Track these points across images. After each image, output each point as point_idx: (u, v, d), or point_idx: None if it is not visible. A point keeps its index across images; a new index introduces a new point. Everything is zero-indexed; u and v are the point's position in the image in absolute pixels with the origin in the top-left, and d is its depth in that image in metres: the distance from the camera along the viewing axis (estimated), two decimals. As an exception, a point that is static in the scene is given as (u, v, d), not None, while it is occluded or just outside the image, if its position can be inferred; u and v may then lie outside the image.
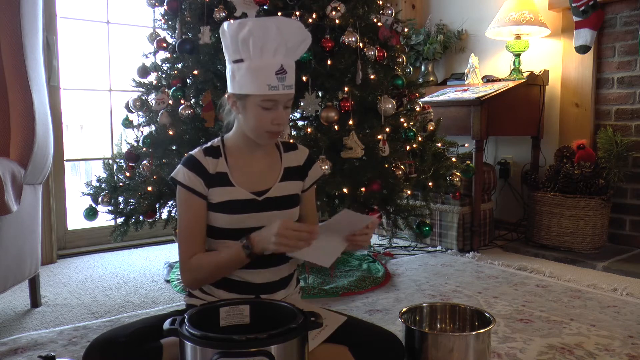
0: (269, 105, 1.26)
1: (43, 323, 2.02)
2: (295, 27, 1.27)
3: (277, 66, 1.23)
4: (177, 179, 1.32)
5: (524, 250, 3.07)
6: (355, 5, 2.27)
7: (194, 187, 1.31)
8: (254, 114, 1.27)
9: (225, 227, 1.33)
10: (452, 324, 1.56)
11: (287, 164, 1.41)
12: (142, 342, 1.19)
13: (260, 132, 1.29)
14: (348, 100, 2.13)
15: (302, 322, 1.07)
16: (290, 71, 1.27)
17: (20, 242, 1.96)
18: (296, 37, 1.27)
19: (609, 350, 1.74)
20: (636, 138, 3.00)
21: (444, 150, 2.60)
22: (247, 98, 1.27)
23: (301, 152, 1.46)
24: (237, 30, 1.24)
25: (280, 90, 1.25)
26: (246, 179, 1.35)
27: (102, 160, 2.89)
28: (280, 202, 1.36)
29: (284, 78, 1.24)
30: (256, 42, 1.22)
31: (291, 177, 1.40)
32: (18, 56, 1.97)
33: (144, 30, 2.72)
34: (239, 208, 1.32)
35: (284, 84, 1.25)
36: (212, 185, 1.32)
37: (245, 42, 1.23)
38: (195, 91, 2.25)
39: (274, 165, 1.40)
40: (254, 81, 1.24)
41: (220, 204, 1.32)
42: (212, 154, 1.35)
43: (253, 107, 1.27)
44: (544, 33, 3.25)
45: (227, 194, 1.32)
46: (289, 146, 1.45)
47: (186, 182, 1.31)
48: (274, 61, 1.23)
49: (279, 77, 1.24)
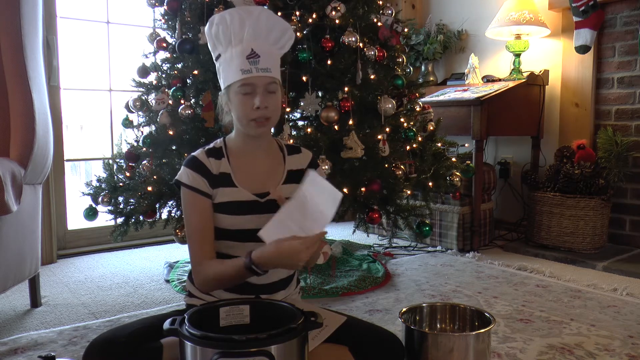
0: (247, 90, 1.27)
1: (43, 323, 2.02)
2: (261, 13, 1.29)
3: (247, 50, 1.26)
4: (182, 180, 1.31)
5: (524, 250, 3.07)
6: (355, 5, 2.27)
7: (199, 187, 1.30)
8: (236, 103, 1.29)
9: (227, 228, 1.32)
10: (452, 324, 1.56)
11: (290, 166, 1.41)
12: (142, 342, 1.19)
13: (245, 121, 1.29)
14: (348, 100, 2.13)
15: (302, 322, 1.07)
16: (265, 55, 1.27)
17: (20, 242, 1.96)
18: (265, 23, 1.29)
19: (609, 350, 1.74)
20: (636, 138, 3.00)
21: (444, 150, 2.60)
22: (230, 90, 1.29)
23: (304, 155, 1.45)
24: (209, 28, 1.30)
25: (254, 73, 1.25)
26: (249, 180, 1.34)
27: (102, 160, 2.89)
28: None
29: (256, 61, 1.26)
30: (225, 33, 1.27)
31: (294, 181, 1.38)
32: (18, 56, 1.97)
33: (144, 30, 2.72)
34: (242, 209, 1.31)
35: (257, 66, 1.26)
36: (216, 186, 1.32)
37: (216, 36, 1.29)
38: (195, 91, 2.25)
39: (277, 168, 1.39)
40: (230, 70, 1.28)
41: (223, 205, 1.31)
42: (215, 154, 1.34)
43: (235, 97, 1.29)
44: (544, 33, 3.25)
45: (230, 195, 1.32)
46: (292, 149, 1.45)
47: (190, 183, 1.30)
48: (243, 47, 1.26)
49: (251, 60, 1.25)
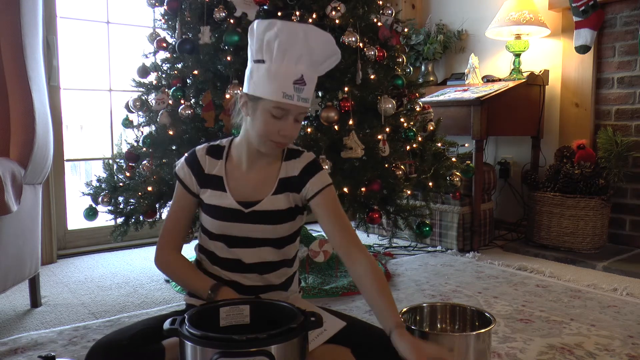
0: (279, 113, 1.20)
1: (43, 323, 2.02)
2: (323, 40, 1.22)
3: (297, 75, 1.18)
4: (176, 170, 1.36)
5: (524, 250, 3.07)
6: (355, 5, 2.27)
7: (187, 184, 1.34)
8: (262, 119, 1.22)
9: (211, 230, 1.33)
10: (452, 324, 1.55)
11: (284, 174, 1.34)
12: (144, 344, 1.19)
13: (265, 139, 1.24)
14: (348, 100, 2.13)
15: (302, 322, 1.07)
16: (310, 84, 1.22)
17: (20, 242, 1.96)
18: (324, 50, 1.23)
19: (609, 350, 1.74)
20: (636, 138, 3.00)
21: (444, 150, 2.60)
22: (259, 101, 1.21)
23: (301, 160, 1.35)
24: (264, 30, 1.19)
25: (295, 101, 1.19)
26: (239, 188, 1.32)
27: (102, 160, 2.89)
28: (268, 217, 1.31)
29: (301, 89, 1.19)
30: (281, 45, 1.17)
31: (285, 189, 1.33)
32: (18, 56, 1.97)
33: (144, 30, 2.72)
34: (225, 216, 1.31)
35: (300, 95, 1.19)
36: (205, 186, 1.33)
37: (269, 44, 1.18)
38: (195, 91, 2.25)
39: (270, 176, 1.34)
40: (269, 85, 1.19)
41: (209, 207, 1.32)
42: (215, 154, 1.34)
43: (263, 112, 1.21)
44: (544, 33, 3.25)
45: (216, 199, 1.32)
46: (292, 153, 1.36)
47: (181, 177, 1.35)
48: (294, 69, 1.18)
49: (297, 87, 1.19)
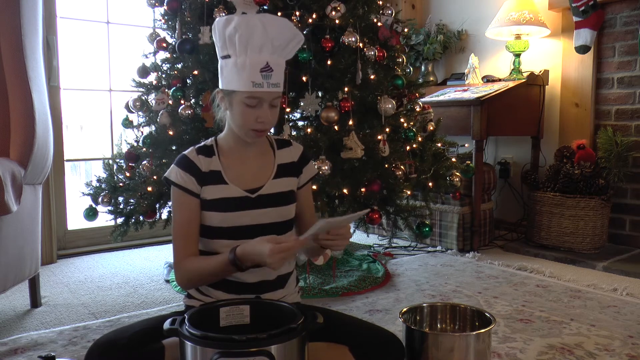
0: (253, 102, 1.25)
1: (43, 323, 2.02)
2: (282, 25, 1.26)
3: (262, 63, 1.23)
4: (171, 178, 1.33)
5: (524, 250, 3.07)
6: (355, 5, 2.27)
7: (187, 187, 1.32)
8: (239, 111, 1.28)
9: (219, 225, 1.33)
10: (452, 324, 1.56)
11: (281, 160, 1.41)
12: (143, 343, 1.19)
13: (245, 129, 1.30)
14: (348, 101, 2.13)
15: (302, 322, 1.07)
16: (278, 69, 1.26)
17: (20, 242, 1.96)
18: (283, 35, 1.26)
19: (609, 350, 1.74)
20: (636, 138, 3.00)
21: (444, 150, 2.60)
22: (233, 94, 1.27)
23: (295, 148, 1.45)
24: (224, 26, 1.25)
25: (265, 88, 1.24)
26: (239, 177, 1.35)
27: (102, 160, 2.89)
28: (274, 199, 1.37)
29: (269, 76, 1.24)
30: (241, 39, 1.22)
31: (285, 174, 1.40)
32: (18, 56, 1.97)
33: (144, 30, 2.72)
34: (233, 206, 1.32)
35: (269, 81, 1.24)
36: (205, 183, 1.33)
37: (231, 38, 1.24)
38: (195, 91, 2.25)
39: (267, 163, 1.40)
40: (239, 77, 1.24)
41: (214, 202, 1.32)
42: (205, 152, 1.35)
43: (238, 104, 1.27)
44: (544, 33, 3.25)
45: (220, 192, 1.33)
46: (282, 143, 1.45)
47: (179, 182, 1.32)
48: (259, 58, 1.23)
49: (264, 74, 1.23)
